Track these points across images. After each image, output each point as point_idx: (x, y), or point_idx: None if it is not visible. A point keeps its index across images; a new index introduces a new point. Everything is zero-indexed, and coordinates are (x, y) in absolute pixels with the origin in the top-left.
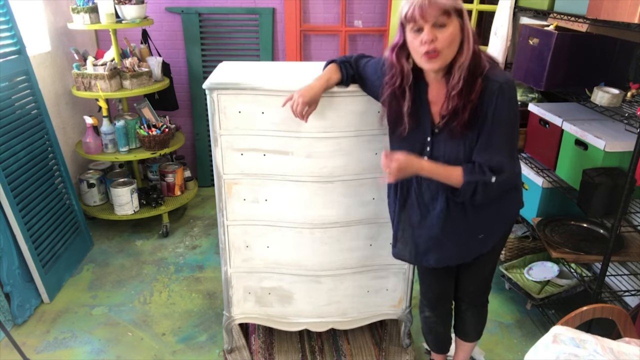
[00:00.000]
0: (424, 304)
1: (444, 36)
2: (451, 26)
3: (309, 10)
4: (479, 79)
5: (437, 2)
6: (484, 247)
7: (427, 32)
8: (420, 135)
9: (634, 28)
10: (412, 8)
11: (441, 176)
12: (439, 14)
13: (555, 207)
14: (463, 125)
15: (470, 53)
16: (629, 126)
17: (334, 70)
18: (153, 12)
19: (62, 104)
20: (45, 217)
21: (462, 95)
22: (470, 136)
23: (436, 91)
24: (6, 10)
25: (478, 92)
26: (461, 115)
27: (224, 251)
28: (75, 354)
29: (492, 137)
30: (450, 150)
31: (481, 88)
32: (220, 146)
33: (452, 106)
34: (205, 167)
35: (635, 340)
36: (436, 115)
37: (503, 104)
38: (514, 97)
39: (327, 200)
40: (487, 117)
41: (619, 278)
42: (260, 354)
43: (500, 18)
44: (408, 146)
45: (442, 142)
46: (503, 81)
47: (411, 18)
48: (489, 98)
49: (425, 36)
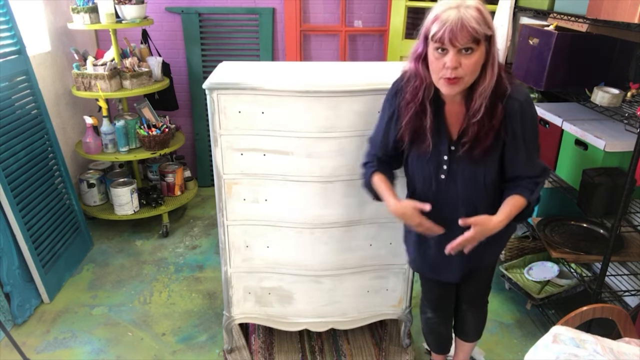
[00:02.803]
0: (426, 305)
1: (468, 63)
2: (478, 53)
3: (309, 10)
4: (500, 105)
5: (470, 29)
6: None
7: (452, 58)
8: (436, 153)
9: (634, 28)
10: (442, 30)
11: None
12: (469, 41)
13: (555, 207)
14: (485, 150)
15: (493, 79)
16: (629, 126)
17: (384, 179)
18: (153, 12)
19: (62, 104)
20: (45, 217)
21: (484, 122)
22: (491, 159)
23: (453, 109)
24: (6, 10)
25: (500, 118)
26: (483, 142)
27: (224, 251)
28: (75, 354)
29: (529, 152)
30: (468, 170)
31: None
32: (220, 146)
33: (473, 133)
34: (205, 167)
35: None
36: (453, 134)
37: (528, 120)
38: (534, 109)
39: (327, 200)
40: (516, 137)
41: (619, 278)
42: (260, 354)
43: (500, 18)
44: (424, 162)
45: (461, 164)
46: (523, 100)
47: (439, 40)
48: (512, 117)
49: (449, 63)
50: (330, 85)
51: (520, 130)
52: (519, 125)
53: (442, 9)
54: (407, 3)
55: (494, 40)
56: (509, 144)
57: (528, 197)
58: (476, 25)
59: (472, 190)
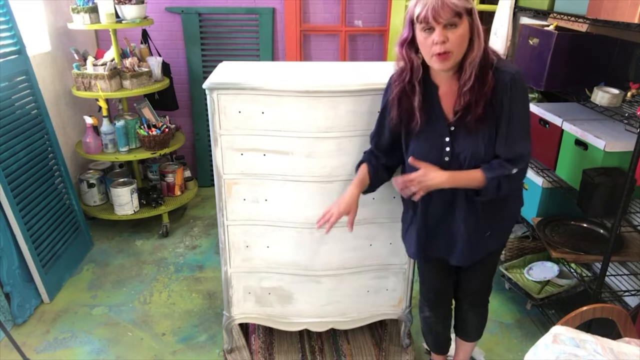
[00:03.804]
0: (424, 303)
1: (454, 36)
2: (462, 26)
3: (309, 10)
4: (490, 72)
5: (450, 4)
6: (490, 246)
7: (438, 33)
8: (437, 135)
9: (634, 28)
10: (424, 9)
11: (463, 182)
12: (451, 16)
13: (555, 207)
14: (477, 119)
15: (481, 49)
16: (629, 126)
17: (362, 170)
18: (153, 12)
19: (62, 104)
20: (45, 217)
21: (474, 90)
22: (486, 130)
23: (447, 89)
24: (6, 10)
25: (491, 85)
26: (474, 110)
27: (224, 251)
28: (75, 354)
29: (509, 128)
30: (469, 146)
31: (493, 80)
32: (220, 146)
33: (465, 102)
34: (205, 167)
35: (635, 340)
36: (449, 114)
37: (517, 94)
38: (525, 86)
39: (327, 200)
40: (502, 108)
41: (619, 278)
42: (260, 354)
43: (500, 18)
44: (425, 146)
45: (461, 139)
46: (514, 72)
47: (423, 19)
48: (502, 89)
49: (437, 38)
50: (330, 85)
51: (507, 102)
52: (508, 96)
53: None
54: (407, 3)
55: (474, 13)
56: (498, 117)
57: (486, 173)
58: (455, 0)
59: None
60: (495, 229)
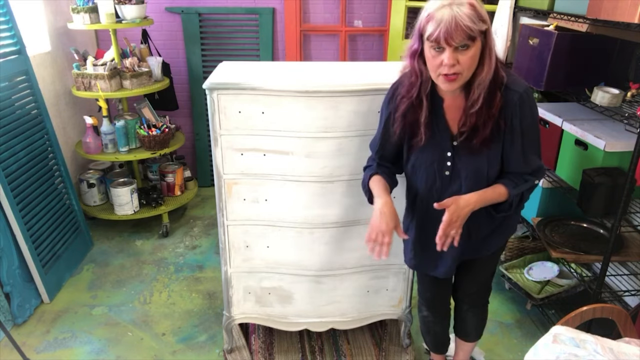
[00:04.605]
0: (422, 303)
1: (465, 59)
2: (474, 48)
3: (309, 10)
4: (499, 93)
5: (465, 27)
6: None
7: (448, 56)
8: (439, 149)
9: (634, 28)
10: (437, 30)
11: (489, 200)
12: (465, 39)
13: (555, 207)
14: (483, 140)
15: (492, 70)
16: (629, 126)
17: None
18: (153, 12)
19: (62, 104)
20: (45, 217)
21: (482, 112)
22: (492, 152)
23: (452, 102)
24: (6, 10)
25: (499, 106)
26: (482, 132)
27: (224, 251)
28: (75, 354)
29: (524, 146)
30: (472, 164)
31: (501, 101)
32: (220, 146)
33: (471, 123)
34: (205, 167)
35: (635, 340)
36: (454, 128)
37: (526, 112)
38: (534, 103)
39: (327, 200)
40: (513, 129)
41: (619, 278)
42: (260, 354)
43: (500, 18)
44: (427, 159)
45: (463, 156)
46: (522, 90)
47: (434, 40)
48: (512, 110)
49: (446, 60)
50: (330, 85)
51: (517, 122)
52: (517, 116)
53: (435, 7)
54: (407, 3)
55: (489, 33)
56: (507, 136)
57: (510, 189)
58: (470, 23)
59: (476, 187)
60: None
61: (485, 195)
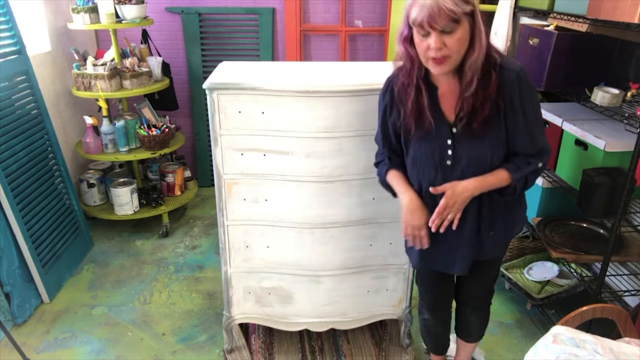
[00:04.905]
0: (423, 306)
1: (452, 41)
2: (460, 30)
3: (309, 10)
4: (493, 72)
5: (447, 11)
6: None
7: (435, 40)
8: (439, 138)
9: (634, 28)
10: (420, 15)
11: (490, 185)
12: (448, 22)
13: (555, 207)
14: (483, 122)
15: (483, 51)
16: (629, 126)
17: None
18: (153, 12)
19: (62, 104)
20: (45, 217)
21: (478, 94)
22: (494, 134)
23: (446, 89)
24: (6, 10)
25: (495, 85)
26: (481, 113)
27: (224, 251)
28: (75, 354)
29: (529, 125)
30: (473, 150)
31: (498, 80)
32: (220, 146)
33: (468, 107)
34: (205, 167)
35: (635, 340)
36: (450, 116)
37: (525, 91)
38: (530, 81)
39: (327, 200)
40: (513, 108)
41: (619, 278)
42: (260, 354)
43: (500, 18)
44: (427, 150)
45: (465, 142)
46: (519, 69)
47: (419, 25)
48: (510, 88)
49: (433, 44)
50: (330, 85)
51: (518, 100)
52: (517, 95)
53: None
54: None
55: (477, 15)
56: (509, 116)
57: (512, 172)
58: (453, 6)
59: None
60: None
61: (486, 181)
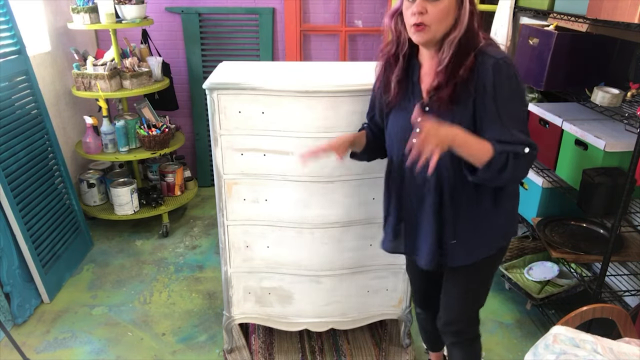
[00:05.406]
0: (415, 300)
1: (435, 10)
2: (444, 3)
3: (309, 10)
4: (471, 54)
5: None
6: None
7: (417, 3)
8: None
9: (634, 28)
10: None
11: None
12: None
13: (555, 207)
14: (446, 98)
15: (463, 29)
16: (629, 126)
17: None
18: (153, 12)
19: (62, 104)
20: (45, 217)
21: (448, 71)
22: (458, 111)
23: (427, 69)
24: (6, 10)
25: (468, 68)
26: (445, 89)
27: (224, 251)
28: (75, 354)
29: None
30: None
31: (474, 63)
32: (220, 146)
33: (438, 82)
34: (205, 167)
35: (635, 340)
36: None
37: (501, 80)
38: (513, 74)
39: (327, 200)
40: (485, 92)
41: (619, 278)
42: (260, 354)
43: (500, 18)
44: (400, 124)
45: None
46: (500, 57)
47: None
48: (484, 73)
49: (414, 8)
50: (330, 85)
51: (490, 86)
52: (490, 81)
53: None
54: None
55: None
56: (478, 101)
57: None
58: None
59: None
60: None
61: (469, 137)
